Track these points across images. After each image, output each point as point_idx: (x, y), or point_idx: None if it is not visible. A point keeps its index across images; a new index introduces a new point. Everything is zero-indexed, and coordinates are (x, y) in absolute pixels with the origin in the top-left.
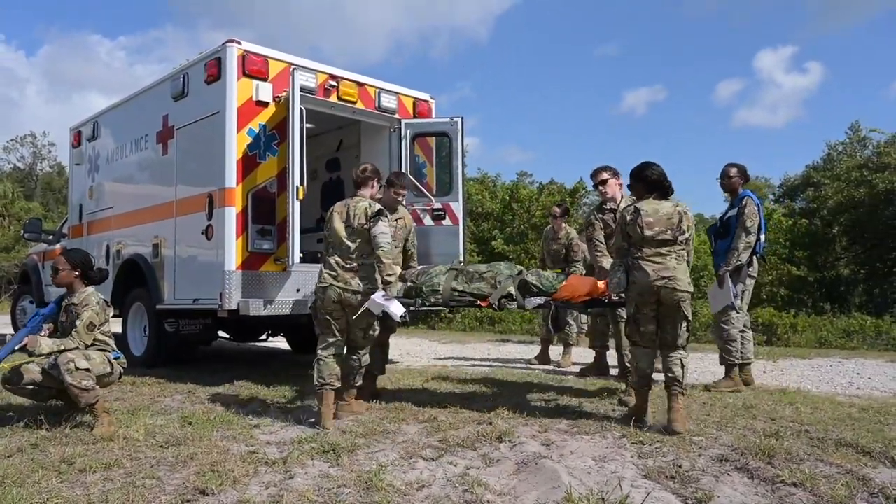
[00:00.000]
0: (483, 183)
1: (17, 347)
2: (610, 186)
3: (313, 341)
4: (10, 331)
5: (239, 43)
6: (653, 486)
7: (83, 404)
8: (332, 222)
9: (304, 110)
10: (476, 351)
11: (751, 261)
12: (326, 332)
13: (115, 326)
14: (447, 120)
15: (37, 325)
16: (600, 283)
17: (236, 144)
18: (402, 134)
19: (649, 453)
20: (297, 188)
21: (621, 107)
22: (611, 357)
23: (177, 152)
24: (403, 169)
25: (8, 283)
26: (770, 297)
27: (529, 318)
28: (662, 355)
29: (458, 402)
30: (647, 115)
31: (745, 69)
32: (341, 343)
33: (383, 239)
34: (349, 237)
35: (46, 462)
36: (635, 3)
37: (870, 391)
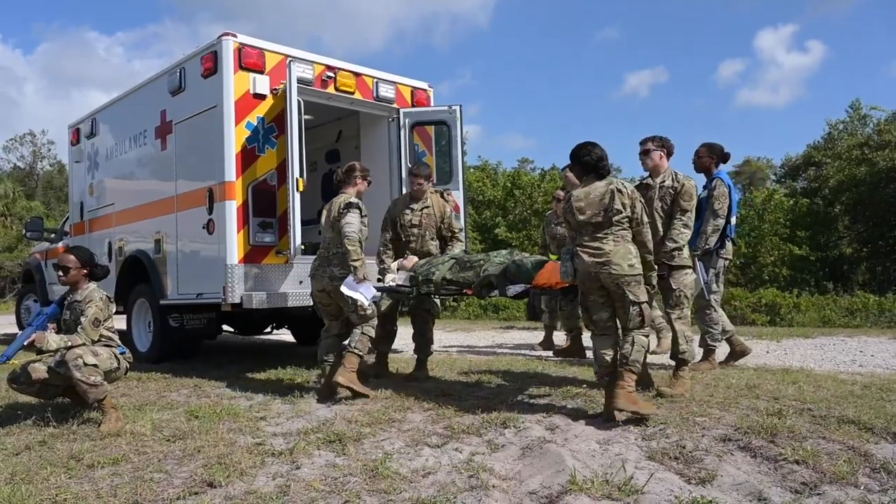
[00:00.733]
0: (484, 170)
1: (25, 344)
2: (651, 158)
3: (318, 333)
4: (16, 330)
5: (235, 36)
6: (657, 467)
7: (91, 400)
8: (321, 217)
9: (301, 102)
10: (481, 338)
11: (723, 243)
12: (323, 316)
13: (120, 323)
14: (446, 108)
15: (42, 323)
16: None
17: (235, 138)
18: (401, 123)
19: (653, 435)
20: (297, 180)
21: (623, 89)
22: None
23: (176, 147)
24: (403, 158)
25: (12, 282)
26: (773, 278)
27: None
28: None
29: (463, 390)
30: (649, 98)
31: (745, 49)
32: (336, 325)
33: (348, 228)
34: (329, 230)
35: (55, 459)
36: None
37: (872, 368)
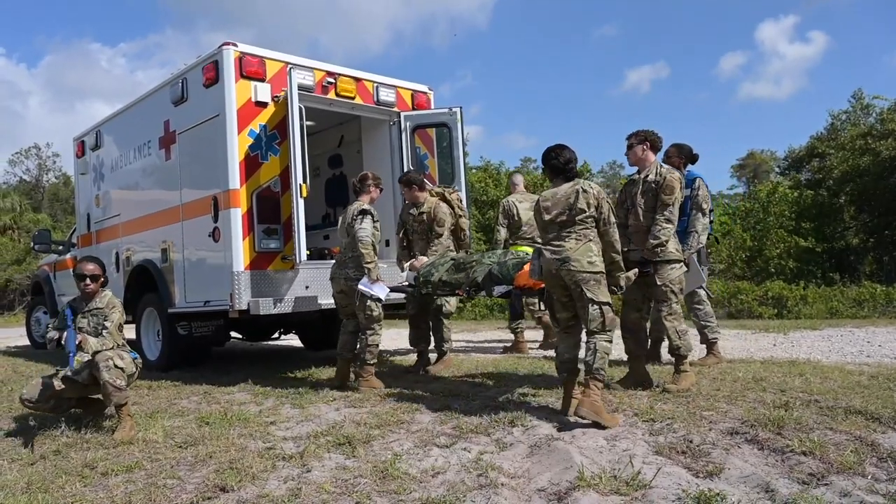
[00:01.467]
0: (486, 171)
1: (76, 345)
2: (633, 153)
3: (326, 338)
4: (26, 342)
5: (235, 45)
6: (664, 462)
7: (114, 403)
8: (339, 223)
9: (303, 108)
10: (487, 338)
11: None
12: (341, 314)
13: (129, 332)
14: (446, 110)
15: (72, 326)
16: None
17: (238, 146)
18: (402, 127)
19: (660, 430)
20: (301, 186)
21: (624, 86)
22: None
23: (180, 157)
24: (405, 161)
25: (21, 294)
26: (779, 271)
27: None
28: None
29: (470, 390)
30: (651, 93)
31: (747, 42)
32: (352, 323)
33: (361, 233)
34: (344, 235)
35: (69, 467)
36: None
37: (880, 359)
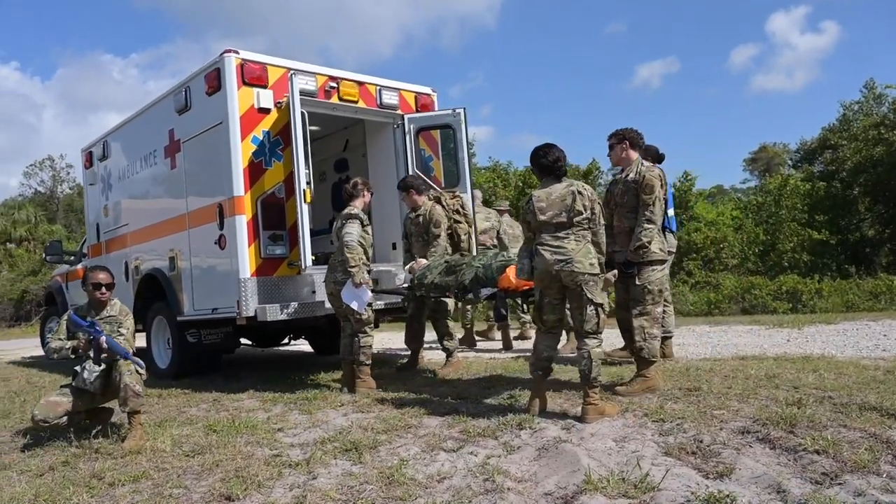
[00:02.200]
0: (495, 171)
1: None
2: (614, 153)
3: (335, 343)
4: (41, 352)
5: (237, 52)
6: (673, 463)
7: (129, 408)
8: (331, 229)
9: (305, 114)
10: (494, 341)
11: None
12: (339, 316)
13: (140, 341)
14: (450, 112)
15: (101, 331)
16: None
17: (242, 153)
18: (406, 129)
19: (670, 430)
20: (304, 191)
21: (635, 82)
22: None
23: (185, 165)
24: (409, 164)
25: (38, 305)
26: (793, 264)
27: None
28: (577, 344)
29: (479, 392)
30: (662, 89)
31: (758, 33)
32: (349, 325)
33: (347, 238)
34: (336, 239)
35: (77, 478)
36: None
37: None
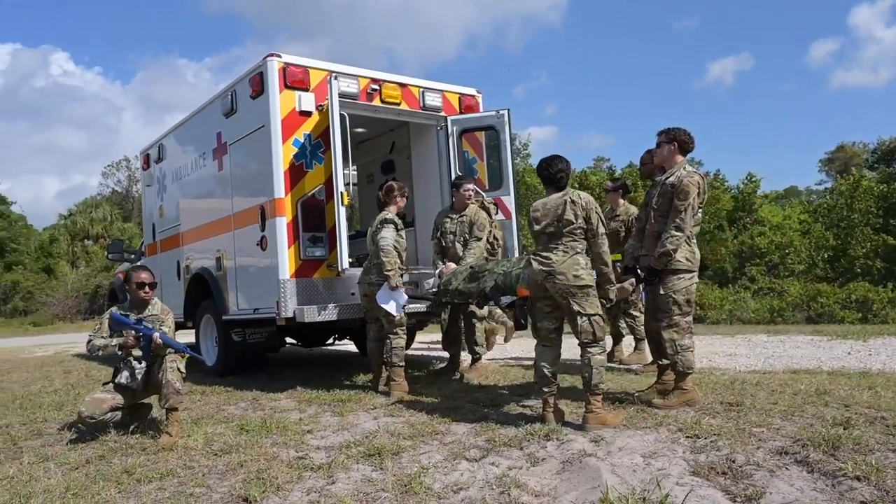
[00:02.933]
0: None
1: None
2: (659, 152)
3: None
4: None
5: (279, 56)
6: (700, 483)
7: (168, 405)
8: (367, 233)
9: (346, 116)
10: (516, 352)
11: None
12: (366, 318)
13: (189, 337)
14: (493, 113)
15: (152, 327)
16: None
17: (283, 155)
18: (449, 131)
19: (703, 448)
20: (342, 194)
21: (706, 79)
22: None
23: (231, 167)
24: (452, 166)
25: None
26: (865, 271)
27: None
28: (580, 353)
29: (511, 400)
30: (734, 86)
31: (839, 27)
32: (374, 328)
33: (382, 242)
34: (371, 243)
35: (109, 473)
36: None
37: None
